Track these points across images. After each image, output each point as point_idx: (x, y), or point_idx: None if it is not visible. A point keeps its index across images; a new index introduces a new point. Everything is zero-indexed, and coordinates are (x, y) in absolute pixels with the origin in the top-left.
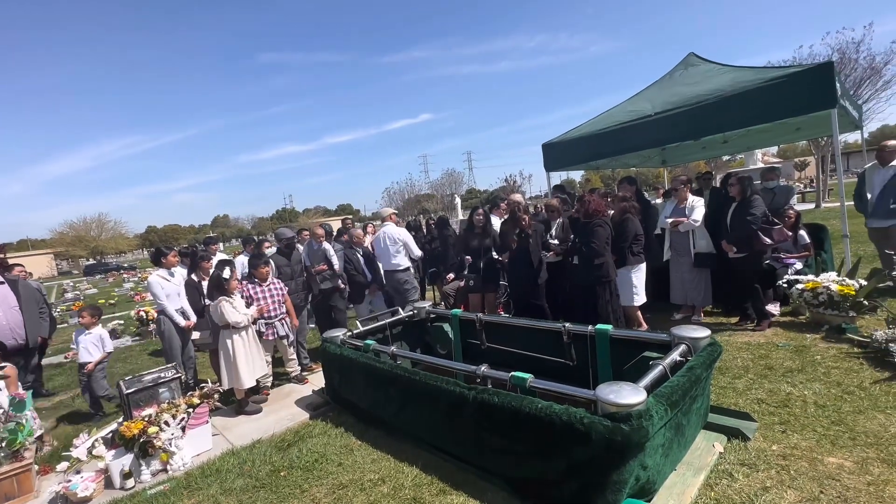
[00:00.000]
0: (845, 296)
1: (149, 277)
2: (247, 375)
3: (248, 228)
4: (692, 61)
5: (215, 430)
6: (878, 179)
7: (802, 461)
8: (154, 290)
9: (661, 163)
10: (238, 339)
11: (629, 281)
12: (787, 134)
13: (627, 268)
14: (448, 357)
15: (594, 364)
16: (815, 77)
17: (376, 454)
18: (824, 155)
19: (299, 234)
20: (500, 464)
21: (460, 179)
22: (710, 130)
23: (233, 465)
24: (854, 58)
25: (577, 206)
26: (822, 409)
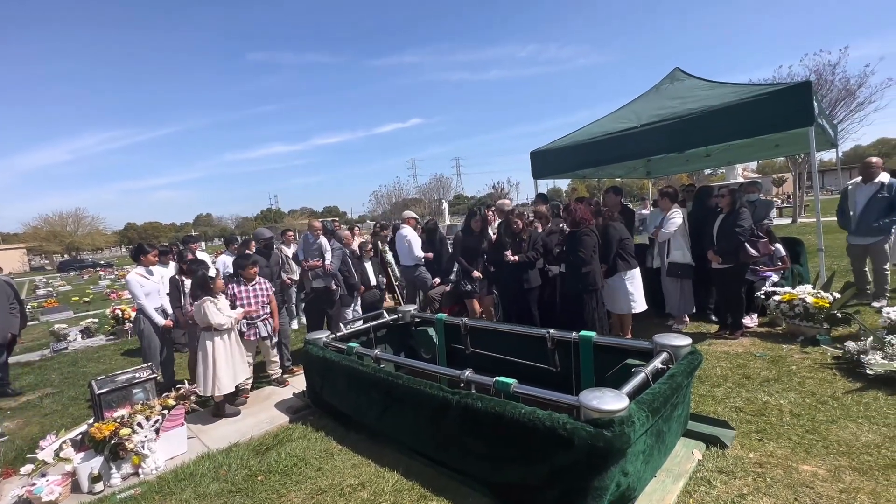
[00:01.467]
0: (820, 308)
1: (127, 275)
2: (227, 380)
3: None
4: (678, 76)
5: (191, 432)
6: (860, 196)
7: (778, 469)
8: (133, 288)
9: (646, 174)
10: (219, 342)
11: (624, 288)
12: (767, 150)
13: (620, 274)
14: (432, 361)
15: (577, 370)
16: (794, 96)
17: (357, 459)
18: (801, 172)
19: (283, 234)
20: (482, 469)
21: (448, 185)
22: (694, 144)
23: (208, 469)
24: (830, 79)
25: (563, 215)
26: (797, 418)
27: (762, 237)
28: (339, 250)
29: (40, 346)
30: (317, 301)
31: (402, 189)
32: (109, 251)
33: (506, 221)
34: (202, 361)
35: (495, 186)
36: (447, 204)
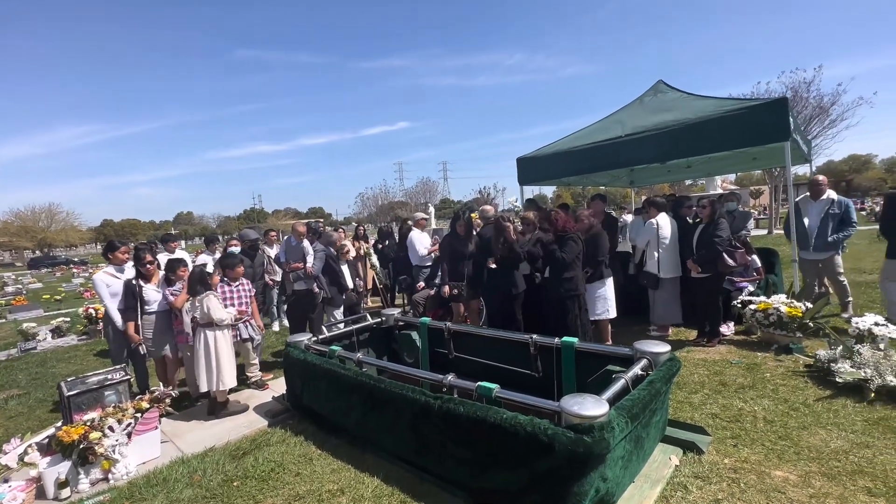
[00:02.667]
0: (793, 317)
1: (95, 275)
2: (230, 375)
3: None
4: (661, 88)
5: (165, 436)
6: (812, 213)
7: (751, 474)
8: (98, 288)
9: (630, 183)
10: (221, 336)
11: (603, 295)
12: (745, 163)
13: (602, 281)
14: (415, 366)
15: (559, 376)
16: (771, 111)
17: (336, 464)
18: (777, 185)
19: (266, 234)
20: (463, 474)
21: (435, 188)
22: (676, 155)
23: (182, 475)
24: (805, 96)
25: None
26: (771, 425)
27: (739, 247)
28: (322, 252)
29: (7, 345)
30: (298, 304)
31: (388, 192)
32: (84, 248)
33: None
34: (203, 357)
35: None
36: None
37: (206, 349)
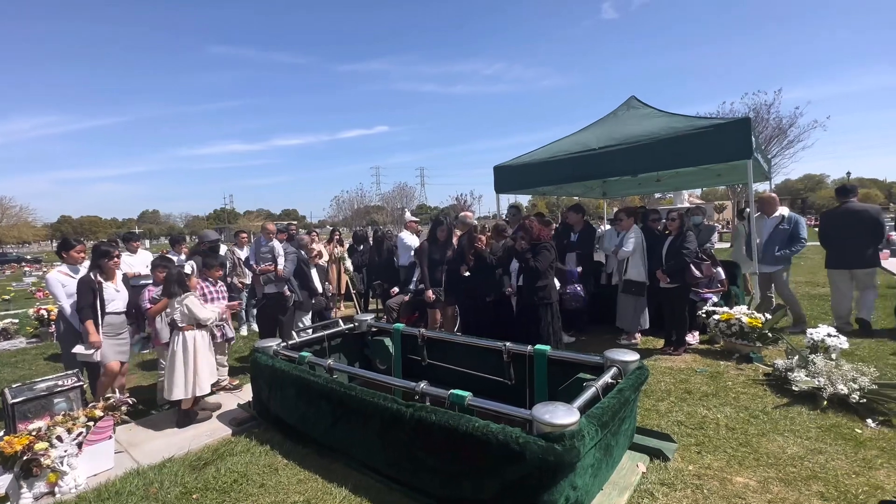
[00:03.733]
0: (753, 328)
1: (48, 273)
2: (207, 380)
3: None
4: (633, 104)
5: (120, 446)
6: (764, 228)
7: (714, 481)
8: (53, 288)
9: (602, 194)
10: (200, 339)
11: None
12: (710, 178)
13: None
14: (387, 372)
15: (532, 383)
16: (735, 130)
17: (303, 474)
18: (739, 200)
19: (237, 235)
20: (433, 484)
21: (412, 194)
22: (646, 168)
23: (136, 487)
24: (766, 118)
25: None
26: (732, 432)
27: (706, 259)
28: (294, 254)
29: None
30: (269, 307)
31: (364, 196)
32: (38, 245)
33: (468, 234)
34: (181, 361)
35: (458, 198)
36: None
37: (185, 352)
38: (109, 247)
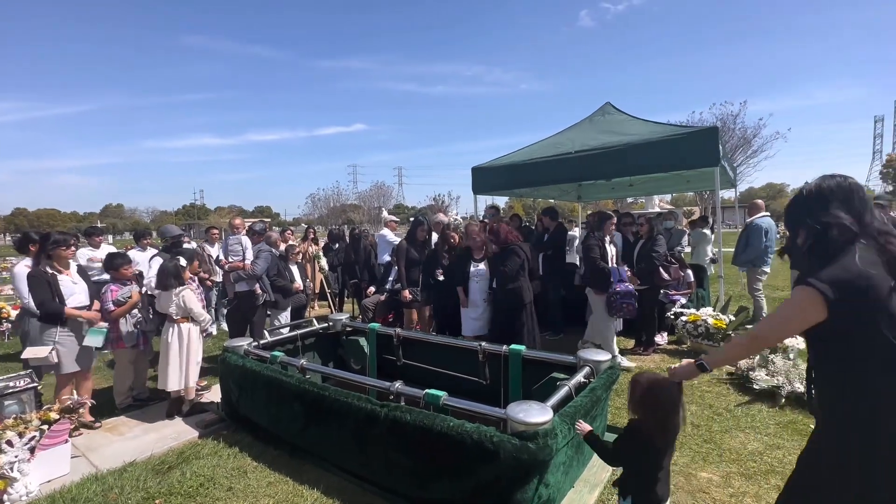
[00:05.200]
0: (718, 328)
1: (14, 267)
2: (196, 372)
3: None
4: (608, 110)
5: (77, 451)
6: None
7: (680, 476)
8: (18, 283)
9: (577, 198)
10: (194, 330)
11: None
12: (680, 184)
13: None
14: (362, 372)
15: (506, 383)
16: (704, 138)
17: (273, 476)
18: (707, 206)
19: (208, 231)
20: (407, 484)
21: (389, 193)
22: (619, 173)
23: (94, 493)
24: (732, 127)
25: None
26: (697, 429)
27: (674, 263)
28: (268, 252)
29: None
30: (239, 306)
31: (341, 194)
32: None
33: (441, 234)
34: (177, 353)
35: (436, 199)
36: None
37: (179, 343)
38: (63, 235)
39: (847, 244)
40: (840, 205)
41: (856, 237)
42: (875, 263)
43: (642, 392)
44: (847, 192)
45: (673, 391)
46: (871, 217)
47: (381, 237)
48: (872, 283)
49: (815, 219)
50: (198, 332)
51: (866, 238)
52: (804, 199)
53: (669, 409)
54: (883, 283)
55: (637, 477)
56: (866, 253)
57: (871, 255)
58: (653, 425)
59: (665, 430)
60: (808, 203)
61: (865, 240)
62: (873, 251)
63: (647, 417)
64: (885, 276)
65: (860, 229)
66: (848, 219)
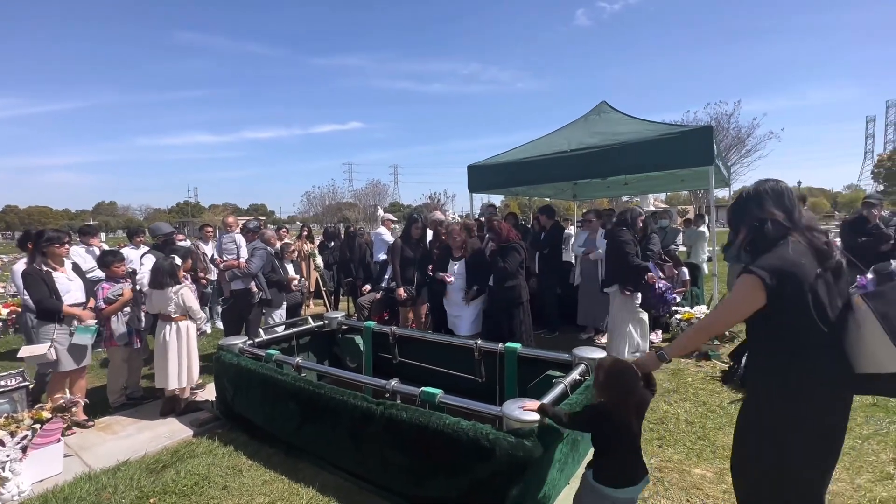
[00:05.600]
0: None
1: (15, 265)
2: (197, 368)
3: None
4: (604, 108)
5: (70, 450)
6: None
7: (674, 473)
8: (17, 280)
9: (573, 196)
10: (192, 328)
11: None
12: (675, 183)
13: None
14: (358, 371)
15: (502, 381)
16: (698, 138)
17: (269, 475)
18: (701, 205)
19: (202, 230)
20: (403, 482)
21: (385, 191)
22: (615, 172)
23: (87, 493)
24: (726, 127)
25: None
26: (691, 426)
27: (668, 261)
28: (263, 250)
29: None
30: (236, 305)
31: (336, 192)
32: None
33: (436, 233)
34: (176, 351)
35: (432, 197)
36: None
37: (178, 341)
38: (57, 232)
39: (780, 237)
40: (774, 204)
41: (788, 231)
42: (804, 253)
43: (605, 374)
44: (779, 193)
45: (631, 372)
46: (800, 214)
47: (378, 235)
48: (802, 270)
49: (753, 216)
50: (195, 330)
51: (797, 232)
52: (744, 201)
53: (628, 388)
54: (810, 270)
55: (599, 452)
56: (797, 245)
57: (800, 247)
58: (614, 402)
59: (624, 406)
60: (747, 203)
61: (797, 234)
62: (803, 243)
63: (610, 396)
64: (813, 264)
65: (791, 224)
66: (781, 215)
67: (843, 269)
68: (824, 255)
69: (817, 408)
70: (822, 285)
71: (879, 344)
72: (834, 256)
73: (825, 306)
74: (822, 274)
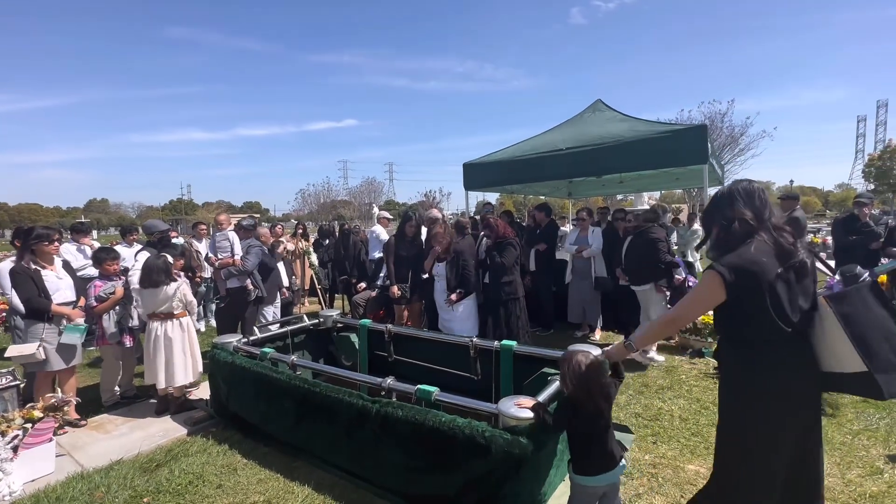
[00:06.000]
0: (706, 324)
1: (2, 263)
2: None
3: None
4: (599, 107)
5: (62, 449)
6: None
7: (668, 469)
8: (3, 280)
9: (568, 194)
10: (192, 324)
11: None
12: (669, 181)
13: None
14: (353, 369)
15: (497, 378)
16: (693, 136)
17: (263, 473)
18: (695, 203)
19: (195, 227)
20: (399, 480)
21: (380, 189)
22: (610, 170)
23: (80, 492)
24: (719, 126)
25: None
26: (685, 423)
27: None
28: (258, 248)
29: None
30: (232, 303)
31: (331, 190)
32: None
33: (429, 231)
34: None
35: (427, 195)
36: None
37: (182, 337)
38: (46, 229)
39: (747, 236)
40: (744, 204)
41: (754, 230)
42: (767, 253)
43: (568, 366)
44: (750, 193)
45: (594, 363)
46: (770, 213)
47: (373, 233)
48: (761, 268)
49: (724, 216)
50: (193, 324)
51: (765, 231)
52: (717, 200)
53: (592, 377)
54: (771, 269)
55: (574, 445)
56: (762, 244)
57: (765, 246)
58: (580, 394)
59: (590, 396)
60: (719, 203)
61: (764, 233)
62: (769, 242)
63: (576, 388)
64: (775, 263)
65: (758, 224)
66: (749, 215)
67: (807, 268)
68: (787, 255)
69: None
70: (781, 284)
71: (841, 345)
72: (797, 256)
73: (784, 304)
74: (783, 273)
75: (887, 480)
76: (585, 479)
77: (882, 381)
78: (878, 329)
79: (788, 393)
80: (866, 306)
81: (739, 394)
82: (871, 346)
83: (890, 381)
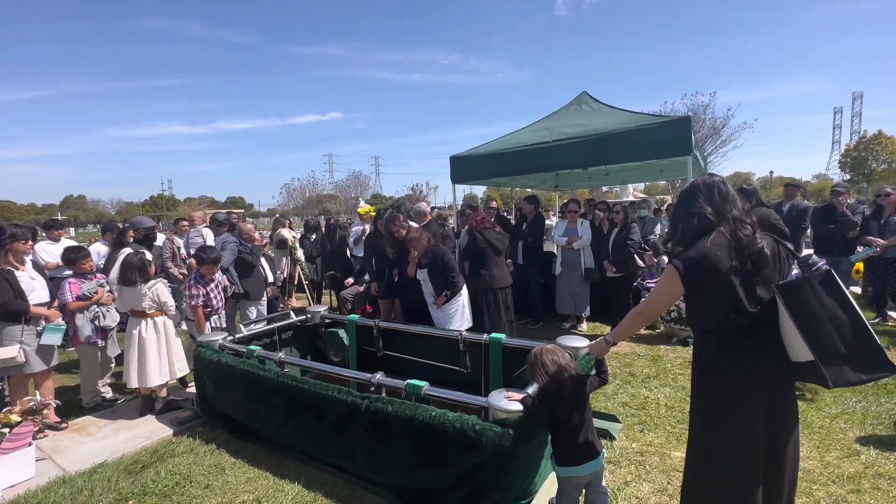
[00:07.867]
0: None
1: None
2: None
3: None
4: (585, 99)
5: (42, 453)
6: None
7: (655, 456)
8: None
9: (554, 187)
10: (169, 323)
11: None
12: (653, 173)
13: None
14: (342, 365)
15: (487, 371)
16: (677, 128)
17: (252, 472)
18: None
19: (177, 223)
20: (390, 476)
21: (367, 183)
22: (595, 162)
23: (62, 497)
24: (702, 118)
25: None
26: (671, 411)
27: (647, 250)
28: (234, 244)
29: None
30: None
31: (316, 184)
32: None
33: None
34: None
35: (414, 188)
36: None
37: (157, 337)
38: (20, 228)
39: (706, 230)
40: (705, 198)
41: (713, 224)
42: (722, 246)
43: (534, 359)
44: (710, 188)
45: (557, 354)
46: (731, 207)
47: (355, 233)
48: (714, 261)
49: (686, 211)
50: (172, 325)
51: (724, 224)
52: (681, 196)
53: (558, 368)
54: (724, 262)
55: (555, 437)
56: (719, 238)
57: (721, 239)
58: (549, 384)
59: (560, 386)
60: (683, 199)
61: (724, 226)
62: (727, 235)
63: (545, 379)
64: (730, 255)
65: (717, 218)
66: (709, 210)
67: (765, 259)
68: (742, 247)
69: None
70: (737, 275)
71: (793, 335)
72: (753, 248)
73: (739, 295)
74: (739, 265)
75: (864, 461)
76: (568, 469)
77: (827, 372)
78: (827, 319)
79: (750, 378)
80: (816, 296)
81: (705, 379)
82: (818, 335)
83: (835, 371)
